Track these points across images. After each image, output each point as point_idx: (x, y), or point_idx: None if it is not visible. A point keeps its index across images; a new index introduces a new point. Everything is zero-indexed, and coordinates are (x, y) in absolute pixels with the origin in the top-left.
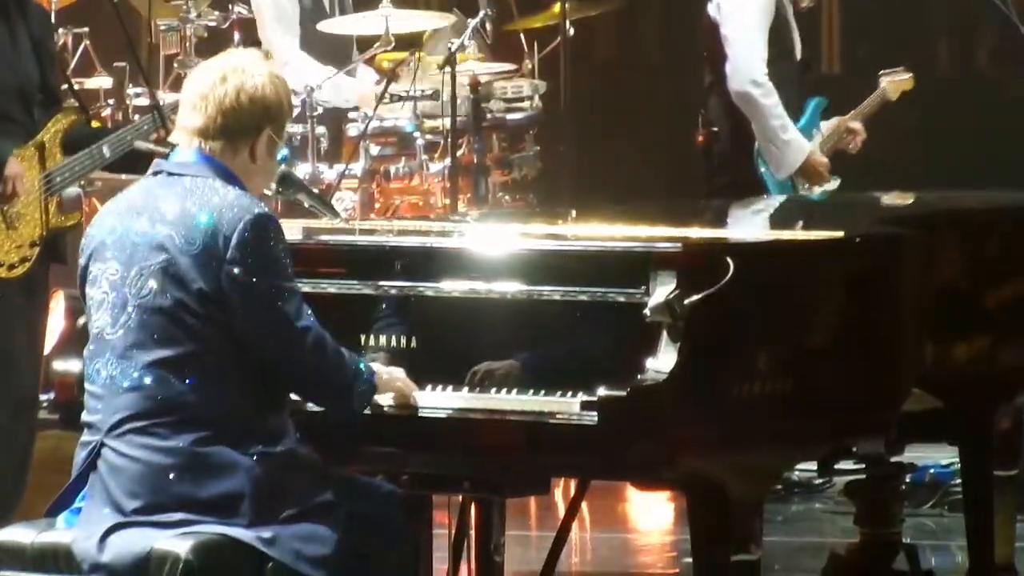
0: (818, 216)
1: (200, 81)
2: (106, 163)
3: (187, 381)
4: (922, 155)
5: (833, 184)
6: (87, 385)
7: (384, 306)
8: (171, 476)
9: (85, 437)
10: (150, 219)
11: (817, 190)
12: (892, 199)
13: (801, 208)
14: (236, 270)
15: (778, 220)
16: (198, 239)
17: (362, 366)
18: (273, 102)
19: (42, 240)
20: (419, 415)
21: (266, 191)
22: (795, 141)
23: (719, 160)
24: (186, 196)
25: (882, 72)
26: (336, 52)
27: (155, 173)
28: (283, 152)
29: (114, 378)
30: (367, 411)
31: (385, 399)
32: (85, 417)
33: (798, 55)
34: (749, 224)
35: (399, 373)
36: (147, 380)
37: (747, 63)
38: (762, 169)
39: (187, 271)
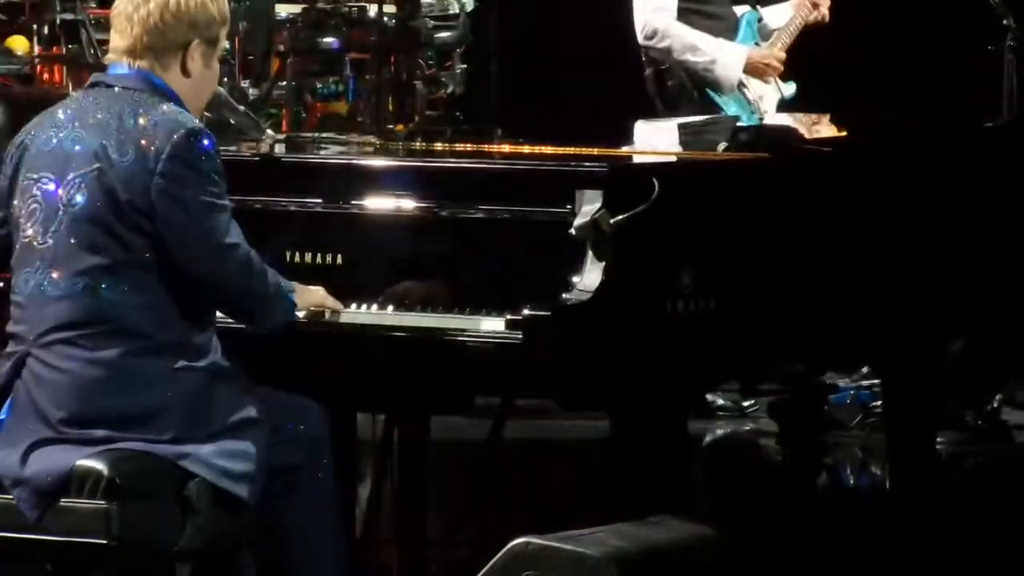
0: (744, 137)
1: (124, 2)
2: None
3: (116, 291)
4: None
5: (790, 89)
6: (13, 296)
7: (309, 223)
8: (97, 388)
9: (10, 348)
10: (84, 129)
11: (773, 92)
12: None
13: (728, 129)
14: (166, 183)
15: (706, 141)
16: (130, 150)
17: (283, 284)
18: (199, 13)
19: None
20: (343, 332)
21: None
22: (721, 57)
23: (675, 93)
24: (121, 107)
25: None
26: None
27: (92, 85)
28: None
29: (42, 287)
30: (292, 327)
31: (304, 314)
32: (11, 328)
33: None
34: (674, 145)
35: (318, 290)
36: (76, 289)
37: (639, 18)
38: (710, 93)
39: (117, 181)
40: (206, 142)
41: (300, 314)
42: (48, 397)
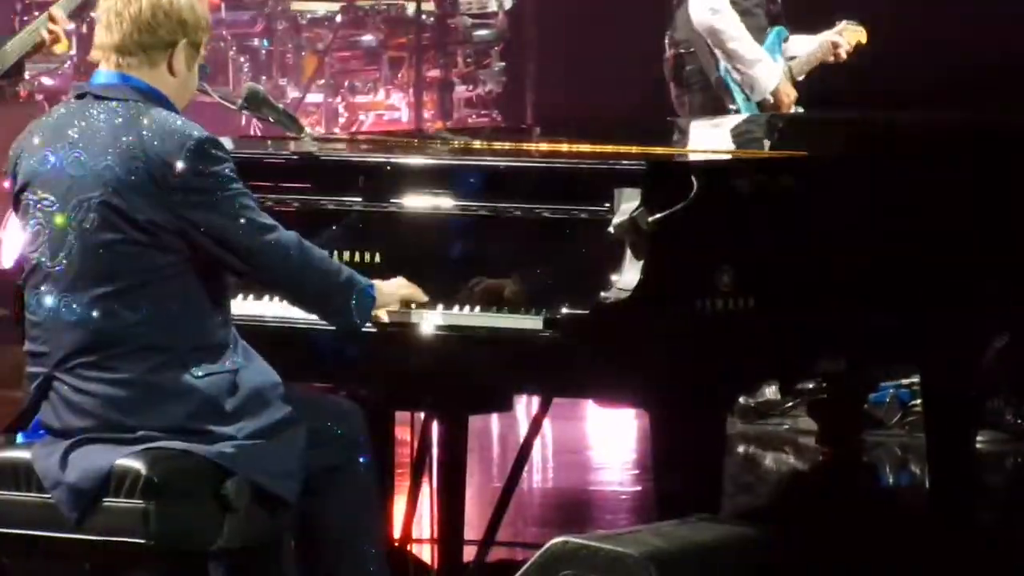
0: (783, 134)
1: None
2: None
3: (134, 312)
4: (887, 73)
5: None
6: (28, 314)
7: (347, 222)
8: (127, 407)
9: (33, 368)
10: (85, 149)
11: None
12: (858, 118)
13: (766, 126)
14: (191, 197)
15: (742, 138)
16: (140, 169)
17: (357, 276)
18: (187, 14)
19: None
20: (380, 330)
21: (231, 105)
22: (766, 62)
23: (691, 79)
24: (121, 124)
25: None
26: None
27: (79, 96)
28: (204, 68)
29: (58, 311)
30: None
31: (385, 313)
32: (30, 346)
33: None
34: (714, 142)
35: (399, 282)
36: (93, 314)
37: None
38: (738, 100)
39: (131, 203)
40: (215, 146)
41: (382, 314)
42: (78, 420)
